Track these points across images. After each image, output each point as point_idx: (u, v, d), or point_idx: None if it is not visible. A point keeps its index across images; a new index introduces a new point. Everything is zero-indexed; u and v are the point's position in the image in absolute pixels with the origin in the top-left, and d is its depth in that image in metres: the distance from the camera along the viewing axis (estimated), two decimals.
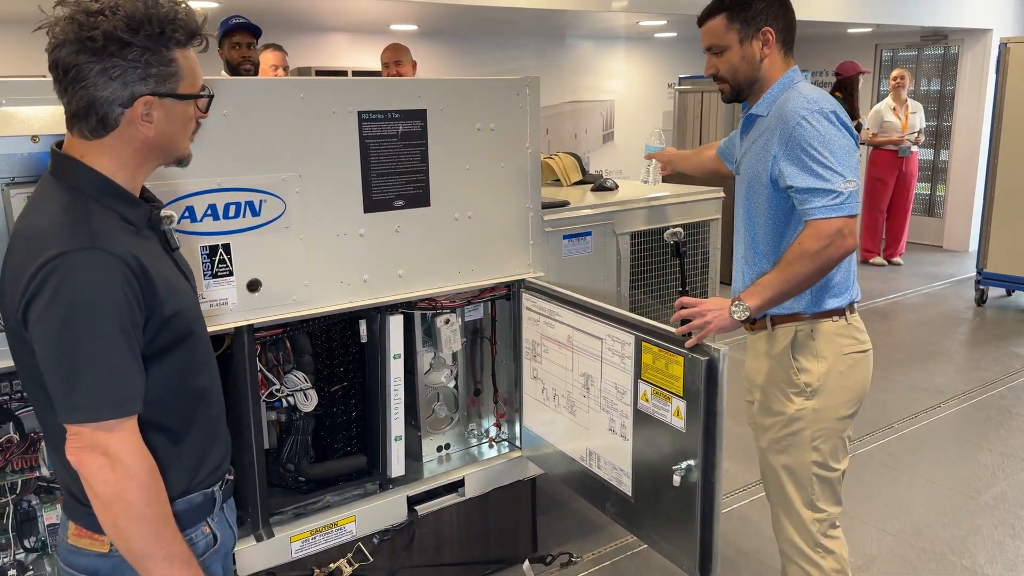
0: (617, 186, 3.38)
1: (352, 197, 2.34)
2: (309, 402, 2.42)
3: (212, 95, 1.41)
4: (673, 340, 2.03)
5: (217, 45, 4.24)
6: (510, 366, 2.82)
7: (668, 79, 9.18)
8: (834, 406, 2.13)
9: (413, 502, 2.59)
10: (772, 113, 2.11)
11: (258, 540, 2.29)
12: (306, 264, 2.28)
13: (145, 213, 1.38)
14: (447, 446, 2.83)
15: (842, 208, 1.95)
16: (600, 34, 8.68)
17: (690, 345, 1.97)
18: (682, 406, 1.99)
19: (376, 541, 2.51)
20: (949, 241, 8.75)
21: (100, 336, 1.23)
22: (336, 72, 6.87)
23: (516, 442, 2.83)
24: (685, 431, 1.99)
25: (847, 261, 2.09)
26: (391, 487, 2.58)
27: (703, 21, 2.19)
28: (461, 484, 2.68)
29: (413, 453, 2.73)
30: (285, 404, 2.43)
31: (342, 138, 2.30)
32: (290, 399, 2.41)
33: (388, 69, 4.53)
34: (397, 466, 2.56)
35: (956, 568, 3.02)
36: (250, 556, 2.27)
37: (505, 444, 2.89)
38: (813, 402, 2.13)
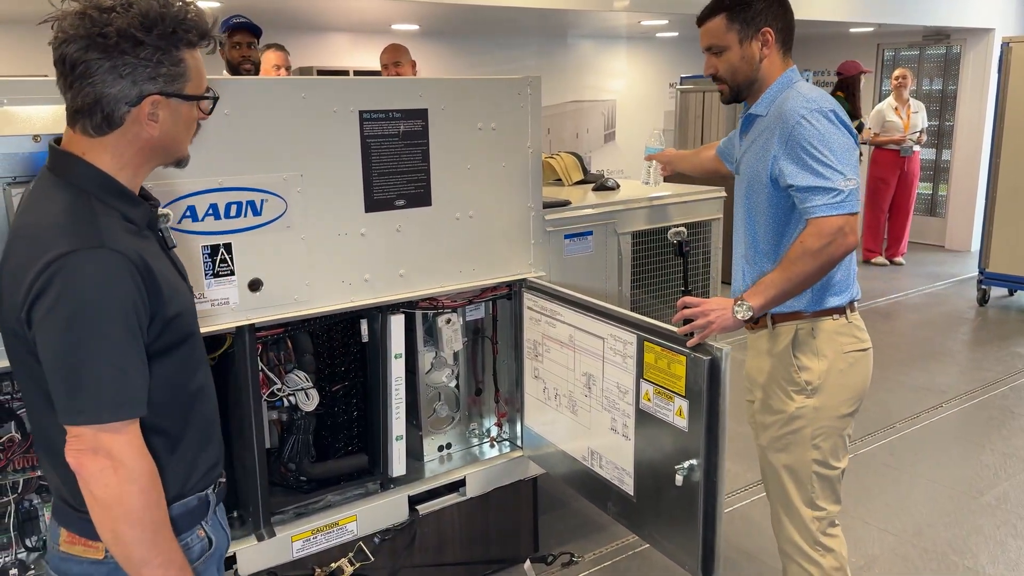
0: (618, 186, 3.37)
1: (353, 197, 2.34)
2: (310, 401, 2.42)
3: (217, 97, 1.40)
4: (675, 340, 2.03)
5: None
6: (511, 366, 2.81)
7: (670, 79, 9.17)
8: (834, 404, 2.13)
9: (414, 502, 2.59)
10: (771, 113, 2.12)
11: (259, 540, 2.29)
12: (307, 263, 2.28)
13: (146, 213, 1.36)
14: (448, 446, 2.83)
15: (843, 206, 1.96)
16: (601, 34, 8.67)
17: (692, 345, 1.97)
18: (684, 405, 1.99)
19: (377, 541, 2.51)
20: (951, 241, 8.74)
21: (107, 337, 1.21)
22: (338, 72, 6.86)
23: (517, 442, 2.83)
24: (687, 431, 1.99)
25: (847, 259, 2.09)
26: (392, 487, 2.58)
27: (703, 21, 2.19)
28: (462, 484, 2.68)
29: (414, 453, 2.73)
30: (286, 403, 2.43)
31: (343, 138, 2.30)
32: (291, 398, 2.41)
33: (387, 70, 4.52)
34: (398, 466, 2.56)
35: (958, 568, 3.02)
36: (251, 555, 2.27)
37: (506, 444, 2.89)
38: (814, 400, 2.13)
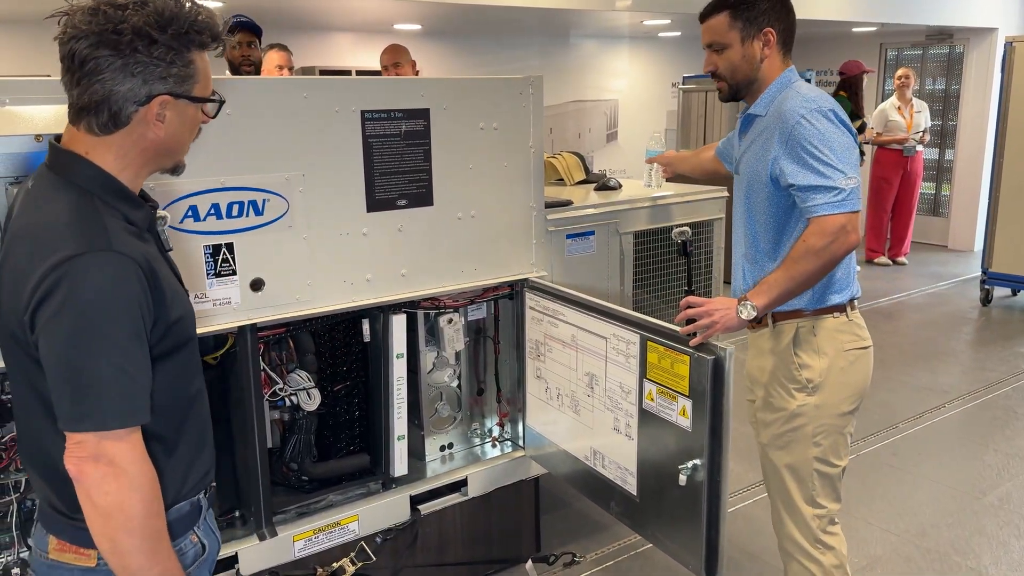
0: (620, 185, 3.37)
1: (355, 196, 2.34)
2: (312, 401, 2.42)
3: (224, 100, 1.39)
4: (679, 339, 2.03)
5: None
6: (513, 365, 2.81)
7: (672, 78, 9.16)
8: (835, 402, 2.14)
9: (416, 501, 2.59)
10: (770, 113, 2.12)
11: (261, 539, 2.29)
12: (309, 263, 2.28)
13: (147, 215, 1.35)
14: (450, 445, 2.83)
15: (844, 204, 1.97)
16: (604, 33, 8.67)
17: (695, 344, 1.97)
18: (688, 405, 1.99)
19: (379, 540, 2.51)
20: (954, 241, 8.73)
21: (113, 342, 1.19)
22: (340, 72, 6.85)
23: (519, 441, 2.83)
24: (691, 430, 1.99)
25: (847, 258, 2.09)
26: (394, 486, 2.58)
27: (705, 17, 2.19)
28: (464, 483, 2.68)
29: (416, 452, 2.73)
30: (288, 403, 2.43)
31: (345, 137, 2.29)
32: (293, 398, 2.41)
33: (388, 71, 4.51)
34: (400, 465, 2.56)
35: (961, 569, 3.01)
36: (253, 555, 2.27)
37: (508, 443, 2.89)
38: (815, 398, 2.13)
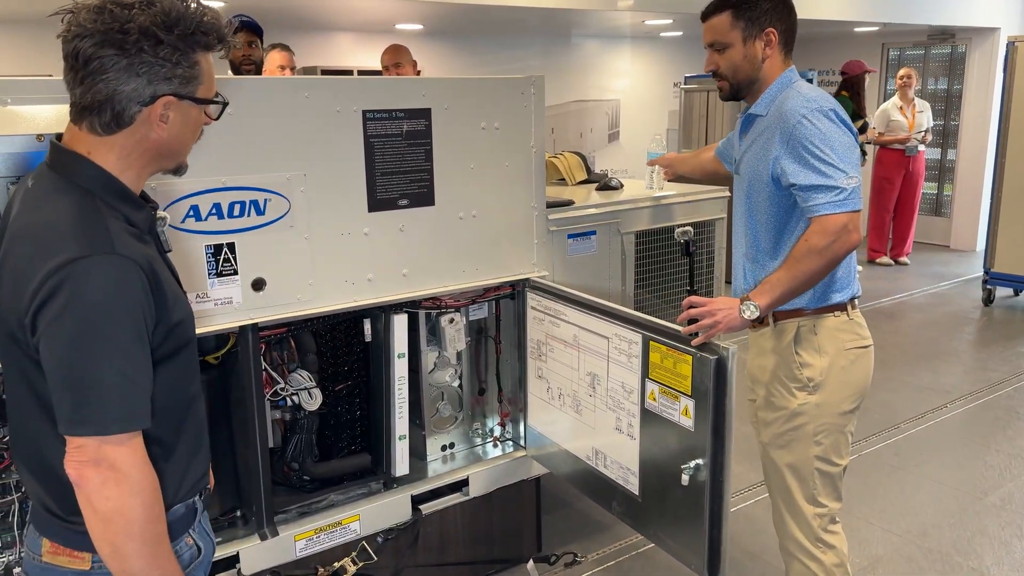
0: (622, 185, 3.37)
1: (356, 196, 2.33)
2: (313, 401, 2.42)
3: (227, 102, 1.38)
4: (681, 339, 2.02)
5: None
6: (514, 365, 2.81)
7: (674, 78, 9.16)
8: (836, 401, 2.14)
9: (417, 501, 2.59)
10: (771, 113, 2.12)
11: (262, 539, 2.29)
12: (310, 263, 2.28)
13: (148, 216, 1.34)
14: (451, 445, 2.83)
15: (846, 204, 1.97)
16: (606, 33, 8.66)
17: (697, 344, 1.96)
18: (690, 405, 1.99)
19: (380, 540, 2.50)
20: (956, 241, 8.72)
21: (116, 346, 1.18)
22: (342, 72, 6.85)
23: (520, 441, 2.83)
24: (693, 430, 1.99)
25: (848, 257, 2.09)
26: (395, 486, 2.58)
27: (707, 17, 2.19)
28: (465, 483, 2.68)
29: (417, 452, 2.73)
30: (289, 403, 2.43)
31: (346, 137, 2.29)
32: (294, 398, 2.41)
33: (388, 72, 4.51)
34: (401, 465, 2.56)
35: (963, 569, 3.01)
36: (254, 555, 2.27)
37: (509, 443, 2.88)
38: (815, 397, 2.13)
